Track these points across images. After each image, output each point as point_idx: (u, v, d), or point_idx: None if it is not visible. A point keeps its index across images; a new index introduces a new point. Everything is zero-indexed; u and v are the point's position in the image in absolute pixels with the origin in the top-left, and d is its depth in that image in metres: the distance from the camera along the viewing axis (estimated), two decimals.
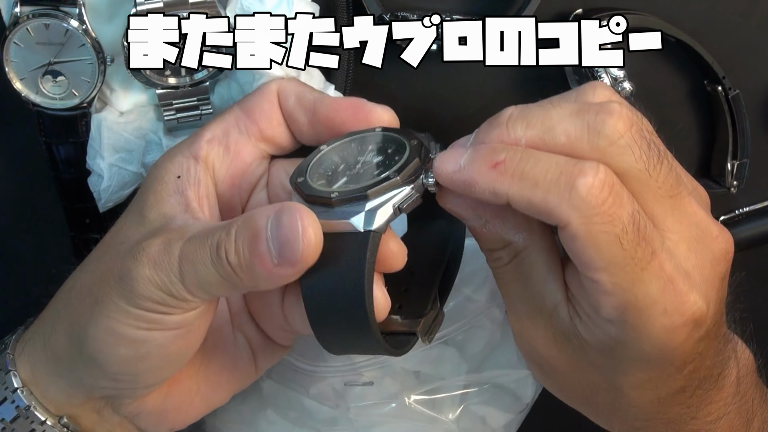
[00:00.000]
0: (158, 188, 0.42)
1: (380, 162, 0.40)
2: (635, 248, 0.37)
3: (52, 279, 0.46)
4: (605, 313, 0.38)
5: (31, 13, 0.46)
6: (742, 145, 0.56)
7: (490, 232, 0.40)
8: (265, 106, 0.44)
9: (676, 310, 0.38)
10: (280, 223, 0.37)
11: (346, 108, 0.42)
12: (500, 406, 0.55)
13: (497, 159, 0.37)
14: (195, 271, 0.38)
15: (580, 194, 0.36)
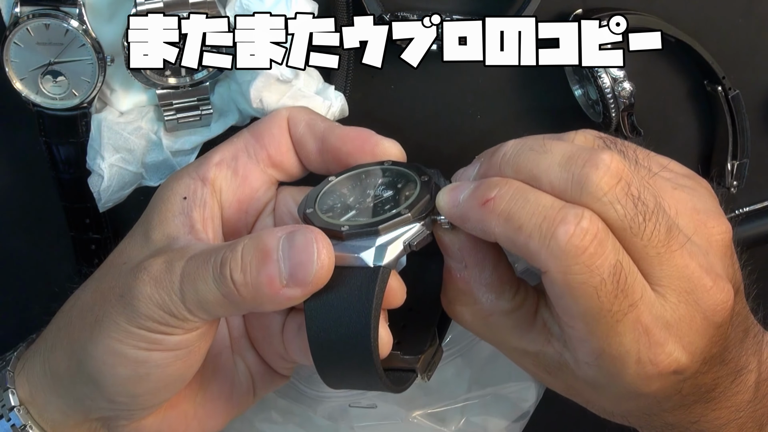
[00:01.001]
0: (163, 209, 0.42)
1: (390, 197, 0.40)
2: (612, 301, 0.36)
3: (54, 297, 0.45)
4: (581, 356, 0.39)
5: (31, 13, 0.46)
6: (742, 145, 0.56)
7: (462, 280, 0.40)
8: (275, 131, 0.44)
9: (650, 361, 0.37)
10: (294, 243, 0.37)
11: (354, 139, 0.43)
12: (500, 414, 0.55)
13: (488, 196, 0.37)
14: (195, 289, 0.38)
15: (559, 243, 0.36)
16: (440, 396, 0.55)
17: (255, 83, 0.47)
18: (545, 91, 0.56)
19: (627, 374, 0.38)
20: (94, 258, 0.55)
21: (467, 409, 0.55)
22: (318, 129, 0.44)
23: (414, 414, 0.54)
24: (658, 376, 0.38)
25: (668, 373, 0.38)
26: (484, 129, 0.57)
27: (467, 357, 0.54)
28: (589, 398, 0.42)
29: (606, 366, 0.38)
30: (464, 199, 0.38)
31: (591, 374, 0.39)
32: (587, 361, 0.38)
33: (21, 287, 0.58)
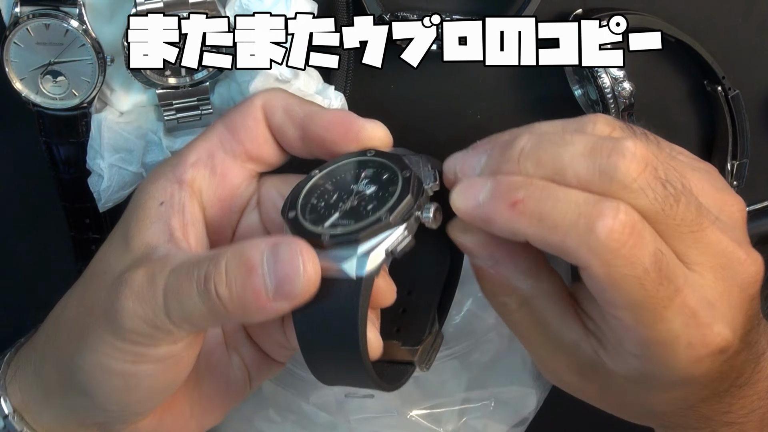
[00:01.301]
0: (141, 215, 0.41)
1: (374, 193, 0.39)
2: (657, 288, 0.36)
3: (42, 305, 0.45)
4: (628, 347, 0.38)
5: (31, 13, 0.46)
6: (742, 145, 0.56)
7: (498, 274, 0.40)
8: (249, 123, 0.43)
9: (700, 343, 0.37)
10: (279, 258, 0.36)
11: (337, 125, 0.41)
12: (499, 419, 0.55)
13: (516, 197, 0.36)
14: (180, 303, 0.37)
15: (600, 238, 0.35)
16: (438, 395, 0.55)
17: (254, 83, 0.47)
18: (545, 91, 0.56)
19: (678, 359, 0.37)
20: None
21: (466, 412, 0.55)
22: (297, 115, 0.42)
23: (411, 413, 0.54)
24: (707, 357, 0.38)
25: (717, 352, 0.38)
26: (484, 129, 0.57)
27: (466, 361, 0.54)
28: (625, 399, 0.41)
29: (655, 354, 0.37)
30: (487, 201, 0.37)
31: (637, 366, 0.38)
32: (635, 352, 0.38)
33: (20, 287, 0.58)
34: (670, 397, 0.40)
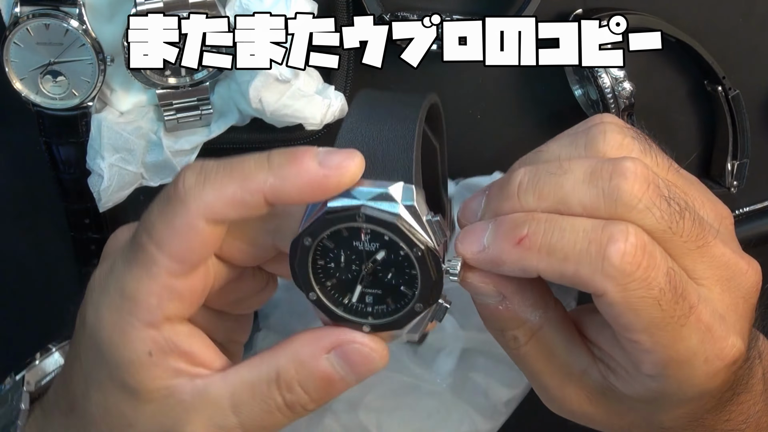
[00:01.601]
0: (128, 364, 0.37)
1: (390, 267, 0.37)
2: (673, 307, 0.36)
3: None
4: (646, 369, 0.37)
5: (31, 13, 0.46)
6: (742, 145, 0.56)
7: (507, 310, 0.39)
8: (195, 247, 0.36)
9: (717, 357, 0.37)
10: (350, 359, 0.37)
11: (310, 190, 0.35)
12: (502, 381, 0.55)
13: (520, 234, 0.36)
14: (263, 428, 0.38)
15: (614, 263, 0.35)
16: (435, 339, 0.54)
17: (254, 83, 0.47)
18: (545, 91, 0.56)
19: (695, 376, 0.37)
20: (94, 258, 0.55)
21: (464, 363, 0.54)
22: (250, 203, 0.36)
23: (405, 357, 0.53)
24: (723, 370, 0.37)
25: (731, 363, 0.38)
26: (484, 129, 0.57)
27: (466, 320, 0.53)
28: (634, 420, 0.41)
29: (674, 374, 0.37)
30: (491, 243, 0.36)
31: (653, 388, 0.38)
32: (653, 373, 0.37)
33: (21, 287, 0.58)
34: (681, 413, 0.40)
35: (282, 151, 0.36)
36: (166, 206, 0.36)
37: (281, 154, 0.36)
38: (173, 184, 0.36)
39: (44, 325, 0.54)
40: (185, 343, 0.38)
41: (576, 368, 0.40)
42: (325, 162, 0.35)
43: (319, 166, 0.35)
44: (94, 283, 0.39)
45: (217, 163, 0.36)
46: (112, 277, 0.38)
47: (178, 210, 0.35)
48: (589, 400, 0.40)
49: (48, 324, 0.54)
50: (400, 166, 0.37)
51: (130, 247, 0.37)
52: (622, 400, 0.40)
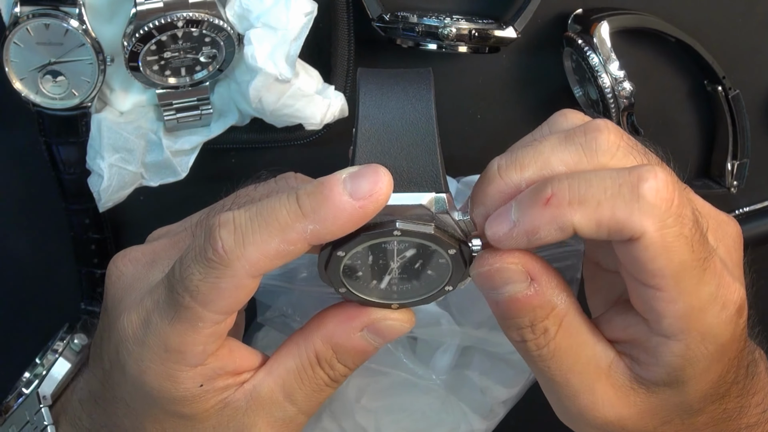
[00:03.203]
0: (183, 396, 0.39)
1: (422, 265, 0.38)
2: (700, 249, 0.36)
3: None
4: (667, 325, 0.37)
5: (31, 13, 0.46)
6: (742, 145, 0.56)
7: (536, 294, 0.38)
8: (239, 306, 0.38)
9: (730, 301, 0.38)
10: (384, 334, 0.40)
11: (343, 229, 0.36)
12: (500, 380, 0.55)
13: (546, 195, 0.36)
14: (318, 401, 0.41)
15: (649, 200, 0.35)
16: (431, 336, 0.54)
17: (254, 83, 0.47)
18: (545, 91, 0.56)
19: (714, 324, 0.37)
20: (93, 258, 0.55)
21: (461, 361, 0.54)
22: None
23: (401, 353, 0.53)
24: (735, 316, 0.38)
25: (740, 309, 0.38)
26: (484, 129, 0.57)
27: (463, 316, 0.53)
28: (667, 413, 0.40)
29: (694, 325, 0.37)
30: (520, 214, 0.36)
31: (677, 352, 0.38)
32: (674, 329, 0.37)
33: (21, 287, 0.58)
34: (706, 388, 0.40)
35: (309, 190, 0.36)
36: (209, 269, 0.36)
37: (310, 196, 0.35)
38: (211, 246, 0.36)
39: (44, 325, 0.54)
40: (229, 364, 0.39)
41: (603, 362, 0.40)
42: (355, 193, 0.35)
43: (351, 199, 0.35)
44: (124, 334, 0.39)
45: (249, 216, 0.36)
46: (150, 332, 0.38)
47: (223, 273, 0.36)
48: (619, 398, 0.40)
49: (48, 324, 0.54)
50: (428, 173, 0.37)
51: (169, 305, 0.37)
52: (650, 391, 0.39)
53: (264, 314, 0.53)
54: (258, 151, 0.55)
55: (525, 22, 0.50)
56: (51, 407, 0.46)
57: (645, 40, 0.55)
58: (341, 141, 0.55)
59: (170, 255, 0.41)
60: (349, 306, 0.40)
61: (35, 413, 0.46)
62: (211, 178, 0.54)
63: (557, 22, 0.54)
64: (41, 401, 0.46)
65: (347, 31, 0.51)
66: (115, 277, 0.41)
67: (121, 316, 0.39)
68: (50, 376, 0.47)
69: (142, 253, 0.42)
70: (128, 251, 0.42)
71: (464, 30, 0.49)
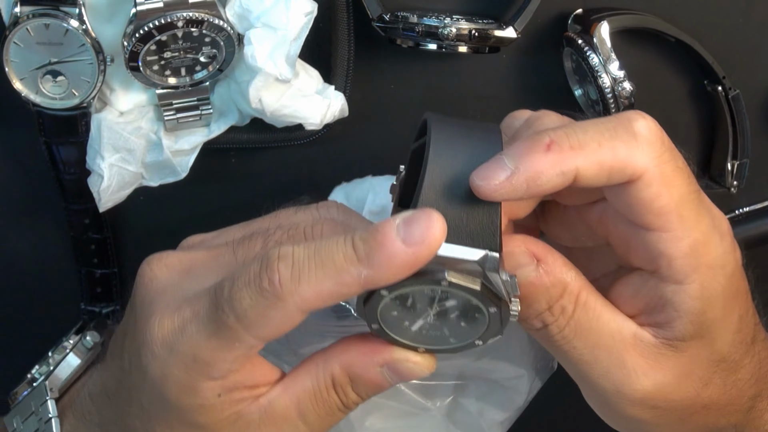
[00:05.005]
0: (201, 404, 0.39)
1: (459, 317, 0.38)
2: (693, 180, 0.38)
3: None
4: (678, 267, 0.38)
5: (31, 13, 0.46)
6: (742, 145, 0.56)
7: (546, 274, 0.39)
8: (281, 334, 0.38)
9: (725, 231, 0.39)
10: (403, 375, 0.39)
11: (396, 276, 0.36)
12: (495, 403, 0.55)
13: (546, 142, 0.36)
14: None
15: (645, 135, 0.36)
16: None
17: (254, 83, 0.47)
18: (545, 92, 0.56)
19: (718, 255, 0.38)
20: (93, 258, 0.55)
21: (458, 390, 0.54)
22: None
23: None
24: (732, 245, 0.39)
25: (732, 239, 0.39)
26: None
27: None
28: (703, 370, 0.40)
29: (704, 260, 0.38)
30: (519, 161, 0.36)
31: (693, 294, 0.38)
32: (684, 271, 0.38)
33: (21, 287, 0.58)
34: (733, 329, 0.40)
35: (364, 236, 0.36)
36: (261, 298, 0.36)
37: (365, 242, 0.36)
38: (268, 277, 0.36)
39: (44, 325, 0.54)
40: (249, 379, 0.39)
41: (627, 332, 0.40)
42: (408, 239, 0.35)
43: (404, 245, 0.35)
44: (152, 336, 0.39)
45: (308, 254, 0.36)
46: (183, 340, 0.38)
47: (274, 304, 0.36)
48: (651, 366, 0.40)
49: (48, 324, 0.54)
50: (486, 230, 0.37)
51: (211, 320, 0.38)
52: (679, 350, 0.39)
53: None
54: (258, 151, 0.55)
55: (525, 22, 0.50)
56: (57, 400, 0.46)
57: (645, 40, 0.55)
58: (341, 141, 0.55)
59: (208, 267, 0.41)
60: (375, 340, 0.40)
61: (41, 405, 0.46)
62: (211, 178, 0.54)
63: (557, 22, 0.54)
64: (48, 393, 0.46)
65: (347, 31, 0.51)
66: (148, 279, 0.41)
67: (150, 319, 0.39)
68: (59, 370, 0.48)
69: (179, 260, 0.42)
70: (163, 255, 0.42)
71: (464, 30, 0.49)
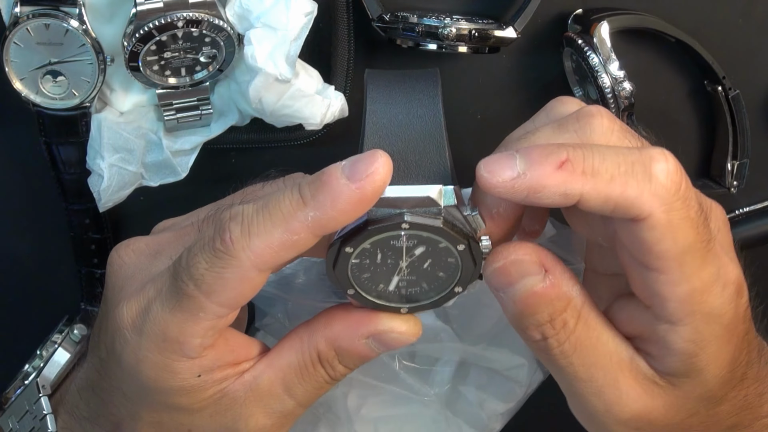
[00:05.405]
0: (181, 386, 0.39)
1: (432, 265, 0.38)
2: (703, 231, 0.36)
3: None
4: (672, 309, 0.37)
5: (31, 13, 0.46)
6: (742, 145, 0.56)
7: (552, 286, 0.38)
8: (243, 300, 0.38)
9: (729, 281, 0.38)
10: (388, 344, 0.40)
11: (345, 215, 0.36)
12: (496, 393, 0.55)
13: (561, 158, 0.35)
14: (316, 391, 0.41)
15: (661, 181, 0.35)
16: (431, 351, 0.54)
17: (254, 83, 0.47)
18: (545, 92, 0.56)
19: (717, 304, 0.37)
20: (93, 258, 0.55)
21: (457, 377, 0.54)
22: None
23: (398, 365, 0.53)
24: (735, 294, 0.38)
25: (739, 287, 0.38)
26: (484, 129, 0.57)
27: (464, 330, 0.53)
28: (693, 405, 0.40)
29: (698, 307, 0.37)
30: (529, 168, 0.35)
31: (685, 336, 0.38)
32: (679, 313, 0.37)
33: (21, 287, 0.58)
34: (723, 373, 0.39)
35: (309, 180, 0.36)
36: (215, 259, 0.36)
37: (310, 184, 0.35)
38: (219, 237, 0.36)
39: (44, 325, 0.54)
40: (227, 355, 0.39)
41: (625, 355, 0.39)
42: (352, 175, 0.35)
43: (348, 181, 0.35)
44: (122, 322, 0.39)
45: (256, 208, 0.36)
46: (149, 320, 0.38)
47: (228, 263, 0.36)
48: (645, 391, 0.40)
49: (48, 324, 0.54)
50: (436, 166, 0.37)
51: (172, 293, 0.37)
52: (673, 384, 0.39)
53: (261, 320, 0.53)
54: (258, 151, 0.55)
55: (525, 22, 0.50)
56: (50, 397, 0.46)
57: (645, 40, 0.55)
58: (341, 141, 0.55)
59: (174, 248, 0.41)
60: (358, 311, 0.40)
61: (34, 403, 0.46)
62: (211, 178, 0.54)
63: (557, 22, 0.54)
64: (40, 390, 0.46)
65: (347, 31, 0.51)
66: (117, 266, 0.41)
67: (119, 305, 0.39)
68: (49, 366, 0.48)
69: (146, 244, 0.42)
70: (131, 241, 0.42)
71: (464, 30, 0.49)
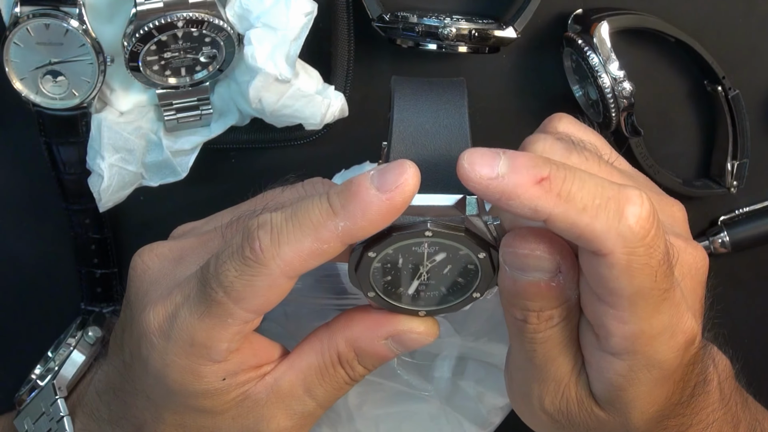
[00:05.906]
0: (206, 389, 0.39)
1: (451, 271, 0.38)
2: (663, 280, 0.36)
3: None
4: (614, 344, 0.37)
5: (31, 13, 0.46)
6: (742, 145, 0.56)
7: (558, 285, 0.38)
8: (271, 306, 0.38)
9: (680, 332, 0.37)
10: (407, 344, 0.41)
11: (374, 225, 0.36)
12: (495, 388, 0.55)
13: (542, 174, 0.35)
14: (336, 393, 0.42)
15: (629, 224, 0.35)
16: (428, 347, 0.53)
17: (254, 83, 0.47)
18: (545, 92, 0.56)
19: (661, 351, 0.37)
20: (93, 258, 0.55)
21: (456, 371, 0.54)
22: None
23: (400, 358, 0.53)
24: (683, 346, 0.38)
25: (691, 340, 0.38)
26: (484, 129, 0.57)
27: (462, 326, 0.53)
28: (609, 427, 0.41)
29: (641, 348, 0.37)
30: (508, 174, 0.35)
31: (619, 371, 0.38)
32: (619, 348, 0.37)
33: (21, 287, 0.58)
34: (648, 408, 0.40)
35: (338, 189, 0.36)
36: (245, 267, 0.37)
37: (340, 194, 0.36)
38: (248, 245, 0.37)
39: (44, 325, 0.54)
40: (251, 359, 0.40)
41: (578, 364, 0.40)
42: (382, 186, 0.35)
43: (378, 192, 0.35)
44: (149, 327, 0.39)
45: (285, 217, 0.37)
46: (177, 325, 0.39)
47: (258, 271, 0.37)
48: (578, 400, 0.40)
49: (48, 324, 0.54)
50: None
51: (200, 299, 0.38)
52: (600, 407, 0.40)
53: (261, 322, 0.53)
54: (258, 151, 0.55)
55: (525, 22, 0.50)
56: (66, 398, 0.46)
57: (645, 40, 0.55)
58: (341, 141, 0.55)
59: (198, 253, 0.42)
60: (377, 312, 0.40)
61: (51, 404, 0.46)
62: (211, 178, 0.54)
63: (557, 22, 0.54)
64: (57, 392, 0.46)
65: (347, 31, 0.51)
66: (141, 271, 0.42)
67: (146, 309, 0.40)
68: (65, 368, 0.48)
69: (169, 249, 0.42)
70: (155, 246, 0.43)
71: (464, 30, 0.49)
